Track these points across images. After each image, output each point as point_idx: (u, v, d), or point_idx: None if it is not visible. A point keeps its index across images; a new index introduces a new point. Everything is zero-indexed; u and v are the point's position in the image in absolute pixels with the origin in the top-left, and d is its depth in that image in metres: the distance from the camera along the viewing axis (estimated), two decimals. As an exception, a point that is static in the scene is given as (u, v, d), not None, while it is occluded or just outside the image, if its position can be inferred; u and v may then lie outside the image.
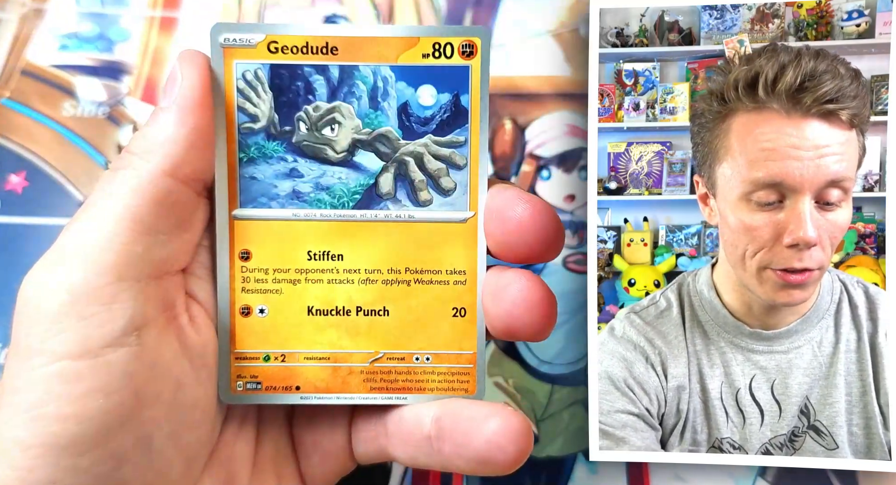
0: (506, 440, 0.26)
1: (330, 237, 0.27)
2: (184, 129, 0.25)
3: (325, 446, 0.29)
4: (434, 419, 0.27)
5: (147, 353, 0.24)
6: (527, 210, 0.26)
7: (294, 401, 0.28)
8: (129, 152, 0.25)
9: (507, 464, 0.26)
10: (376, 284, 0.27)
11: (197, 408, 0.26)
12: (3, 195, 0.38)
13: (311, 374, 0.28)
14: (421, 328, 0.27)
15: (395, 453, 0.28)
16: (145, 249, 0.24)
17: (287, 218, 0.27)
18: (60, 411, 0.22)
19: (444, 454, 0.26)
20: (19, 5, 0.41)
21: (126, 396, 0.23)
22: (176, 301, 0.26)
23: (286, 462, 0.29)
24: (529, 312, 0.26)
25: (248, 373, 0.28)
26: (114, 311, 0.23)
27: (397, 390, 0.28)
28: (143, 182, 0.24)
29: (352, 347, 0.28)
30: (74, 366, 0.23)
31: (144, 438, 0.24)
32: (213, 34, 0.26)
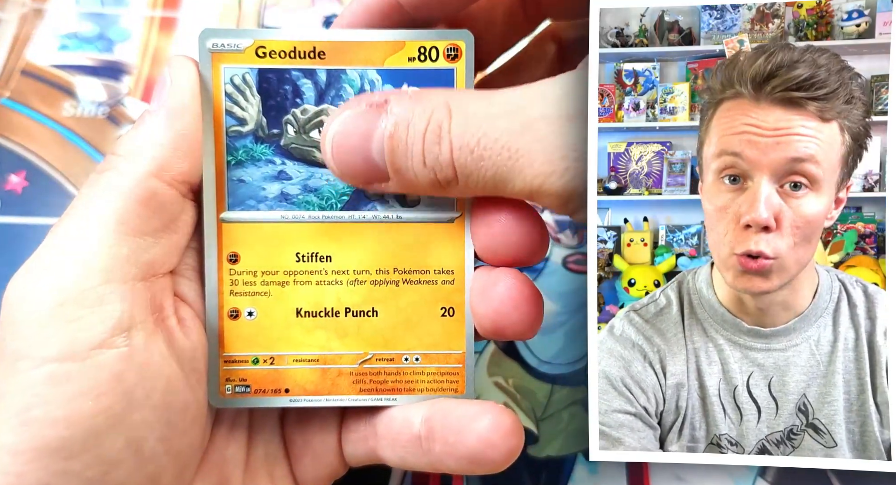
0: (497, 437, 0.26)
1: (318, 239, 0.27)
2: (170, 132, 0.25)
3: (316, 447, 0.29)
4: (424, 419, 0.27)
5: (136, 355, 0.24)
6: (510, 213, 0.26)
7: (283, 404, 0.28)
8: (115, 155, 0.25)
9: (498, 462, 0.26)
10: (364, 284, 0.27)
11: (187, 410, 0.26)
12: (3, 195, 0.38)
13: (300, 376, 0.28)
14: (410, 329, 0.27)
15: (385, 455, 0.28)
16: (131, 251, 0.24)
17: (275, 220, 0.27)
18: (49, 415, 0.22)
19: (434, 454, 0.26)
20: (19, 5, 0.41)
21: (115, 398, 0.23)
22: (164, 303, 0.26)
23: (278, 464, 0.29)
24: (517, 310, 0.27)
25: (237, 376, 0.27)
26: (101, 313, 0.23)
27: (387, 390, 0.28)
28: (128, 184, 0.24)
29: (341, 349, 0.28)
30: (62, 369, 0.23)
31: (135, 441, 0.24)
32: (201, 39, 0.26)
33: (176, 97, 0.25)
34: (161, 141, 0.25)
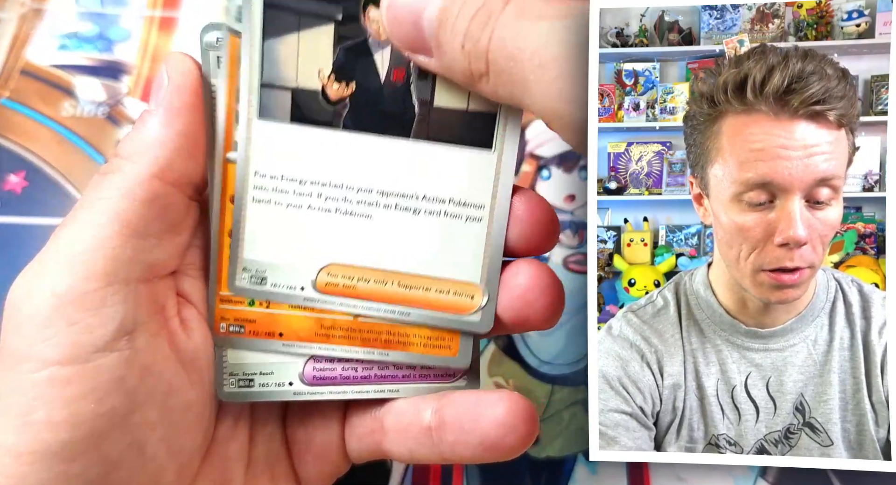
0: (517, 421, 0.26)
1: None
2: (170, 131, 0.25)
3: (319, 444, 0.29)
4: (434, 410, 0.27)
5: (138, 357, 0.24)
6: (524, 204, 0.27)
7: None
8: (117, 156, 0.25)
9: (515, 446, 0.26)
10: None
11: (190, 411, 0.26)
12: (3, 195, 0.38)
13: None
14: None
15: (392, 448, 0.28)
16: (135, 253, 0.24)
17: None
18: (51, 418, 0.22)
19: (445, 444, 0.26)
20: (19, 5, 0.41)
21: (117, 400, 0.23)
22: (167, 304, 0.26)
23: (280, 462, 0.29)
24: (542, 297, 0.27)
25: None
26: (103, 315, 0.23)
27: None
28: (131, 185, 0.24)
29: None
30: (64, 371, 0.23)
31: (137, 442, 0.24)
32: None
33: (174, 96, 0.25)
34: (162, 141, 0.25)
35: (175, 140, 0.25)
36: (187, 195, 0.26)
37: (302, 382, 0.28)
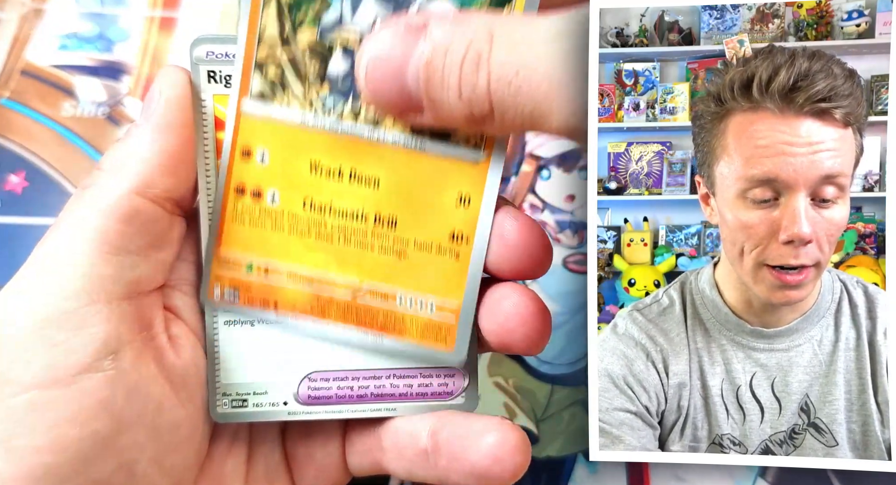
0: (504, 454, 0.25)
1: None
2: (156, 148, 0.24)
3: (320, 459, 0.28)
4: (430, 433, 0.26)
5: (124, 377, 0.23)
6: (516, 229, 0.26)
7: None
8: (98, 170, 0.25)
9: (505, 478, 0.26)
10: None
11: (180, 429, 0.25)
12: (3, 195, 0.38)
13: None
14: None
15: (391, 467, 0.27)
16: (116, 270, 0.23)
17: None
18: (33, 443, 0.22)
19: (441, 468, 0.26)
20: (19, 5, 0.41)
21: (103, 423, 0.22)
22: (154, 321, 0.25)
23: (279, 479, 0.28)
24: (524, 326, 0.26)
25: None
26: (85, 336, 0.22)
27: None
28: (110, 202, 0.24)
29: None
30: (45, 395, 0.22)
31: (126, 463, 0.23)
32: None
33: (163, 112, 0.25)
34: (146, 157, 0.24)
35: (158, 156, 0.24)
36: (169, 211, 0.25)
37: (297, 401, 0.27)
